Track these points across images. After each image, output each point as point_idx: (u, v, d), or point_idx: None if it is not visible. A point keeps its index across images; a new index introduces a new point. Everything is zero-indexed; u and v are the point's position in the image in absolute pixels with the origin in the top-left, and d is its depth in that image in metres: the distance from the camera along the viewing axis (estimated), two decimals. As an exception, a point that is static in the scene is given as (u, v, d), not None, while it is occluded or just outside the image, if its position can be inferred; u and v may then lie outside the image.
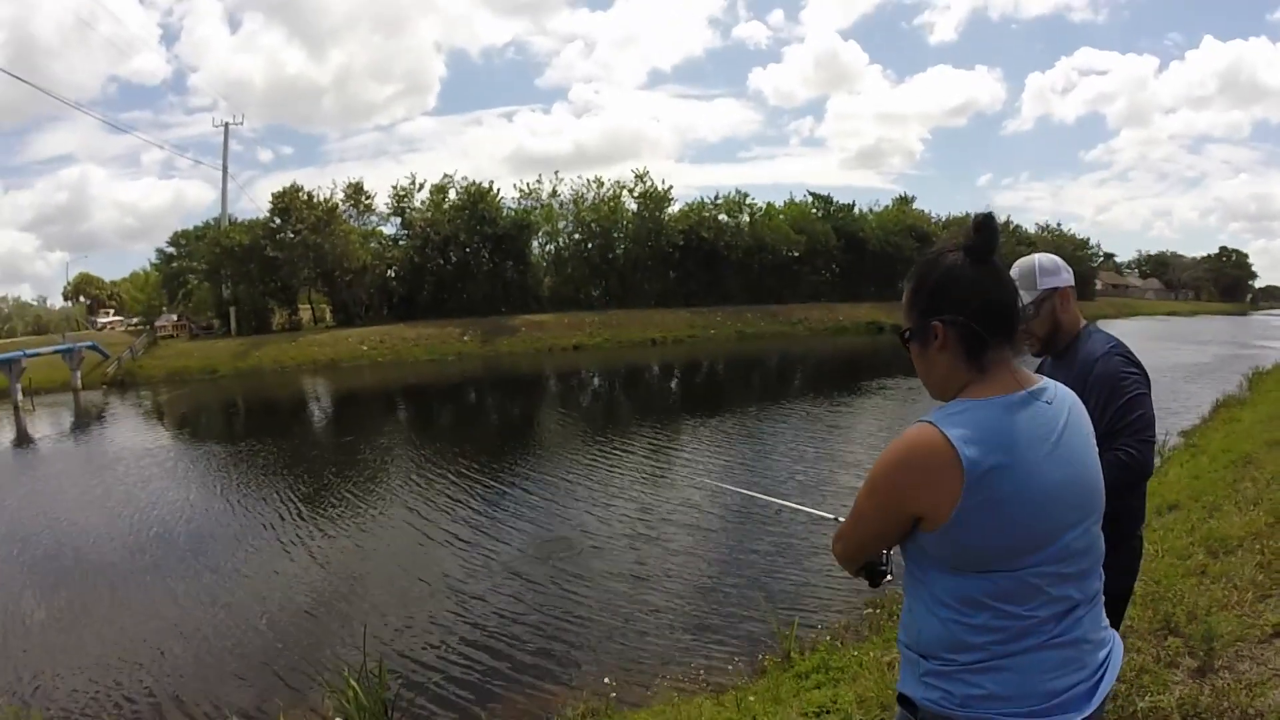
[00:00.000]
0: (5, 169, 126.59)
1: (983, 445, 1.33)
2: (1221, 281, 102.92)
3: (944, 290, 1.45)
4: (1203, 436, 10.80)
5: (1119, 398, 2.23)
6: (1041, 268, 2.43)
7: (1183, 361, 24.88)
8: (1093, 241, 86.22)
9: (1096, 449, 1.50)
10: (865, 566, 1.64)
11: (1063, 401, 1.47)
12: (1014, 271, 2.37)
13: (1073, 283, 2.47)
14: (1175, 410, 13.73)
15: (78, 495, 12.78)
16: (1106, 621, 1.49)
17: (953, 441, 1.33)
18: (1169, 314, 60.20)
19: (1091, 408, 1.52)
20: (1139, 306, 65.15)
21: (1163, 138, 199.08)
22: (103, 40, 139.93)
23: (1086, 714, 1.37)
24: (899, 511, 1.41)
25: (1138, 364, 2.33)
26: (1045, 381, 1.48)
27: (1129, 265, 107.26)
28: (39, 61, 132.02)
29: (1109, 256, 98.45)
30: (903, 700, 1.49)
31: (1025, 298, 2.35)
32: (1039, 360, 2.50)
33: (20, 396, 23.69)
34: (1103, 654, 1.44)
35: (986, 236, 1.43)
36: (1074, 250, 71.06)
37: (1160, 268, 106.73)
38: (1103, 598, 1.49)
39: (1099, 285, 78.56)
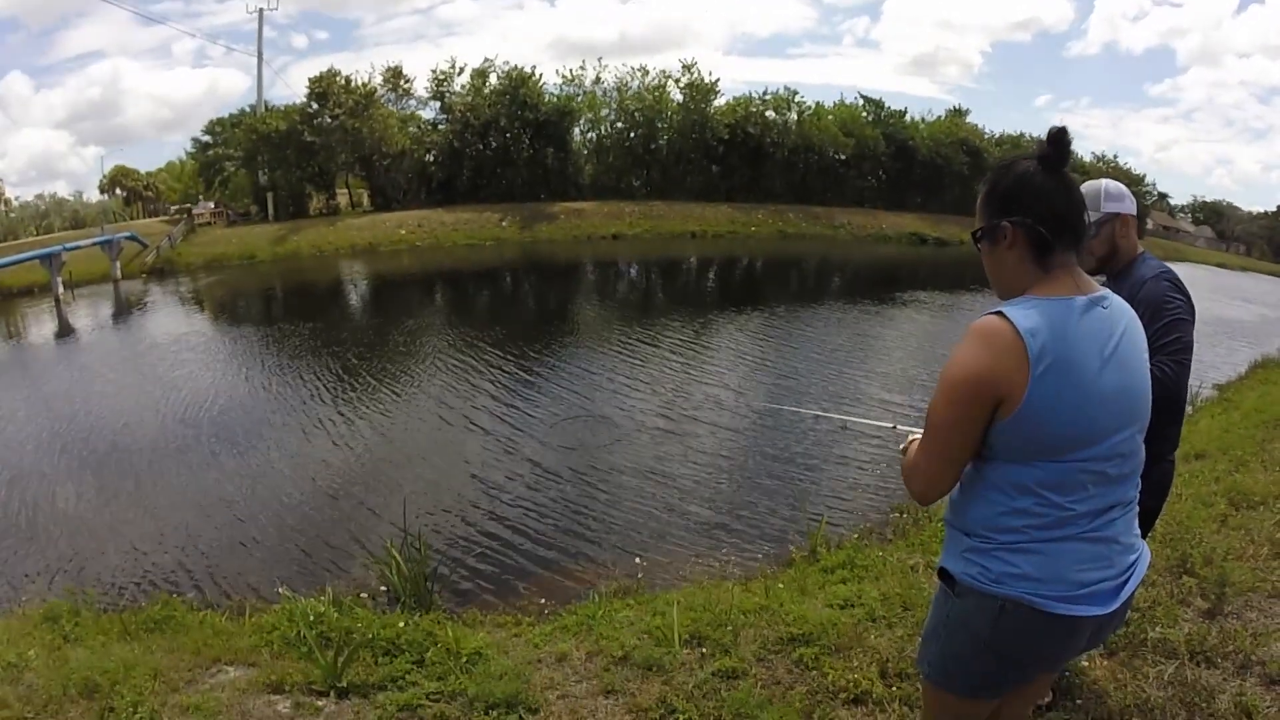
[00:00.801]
0: (36, 68, 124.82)
1: (1045, 336, 1.41)
2: (1276, 241, 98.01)
3: (1015, 194, 1.54)
4: (1237, 393, 10.73)
5: (1160, 318, 2.32)
6: (1107, 192, 2.53)
7: (1226, 316, 24.19)
8: (1148, 179, 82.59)
9: (1148, 363, 1.59)
10: None
11: (1120, 312, 1.55)
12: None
13: (1135, 212, 2.55)
14: (1213, 364, 13.50)
15: (114, 382, 12.83)
16: (1138, 531, 1.62)
17: (1018, 328, 1.41)
18: (1218, 265, 58.04)
19: None
20: (1188, 253, 62.38)
21: (1233, 82, 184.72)
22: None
23: (1110, 610, 1.51)
24: (981, 400, 1.45)
25: (1184, 293, 2.41)
26: (1105, 291, 1.55)
27: (1182, 209, 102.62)
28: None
29: (1163, 197, 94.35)
30: (943, 574, 1.61)
31: (1088, 217, 2.45)
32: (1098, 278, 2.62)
33: (61, 289, 23.62)
34: (1131, 558, 1.56)
35: (1059, 148, 1.53)
36: (1128, 185, 67.34)
37: (1214, 216, 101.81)
38: (1137, 507, 1.60)
39: (1150, 225, 75.38)
